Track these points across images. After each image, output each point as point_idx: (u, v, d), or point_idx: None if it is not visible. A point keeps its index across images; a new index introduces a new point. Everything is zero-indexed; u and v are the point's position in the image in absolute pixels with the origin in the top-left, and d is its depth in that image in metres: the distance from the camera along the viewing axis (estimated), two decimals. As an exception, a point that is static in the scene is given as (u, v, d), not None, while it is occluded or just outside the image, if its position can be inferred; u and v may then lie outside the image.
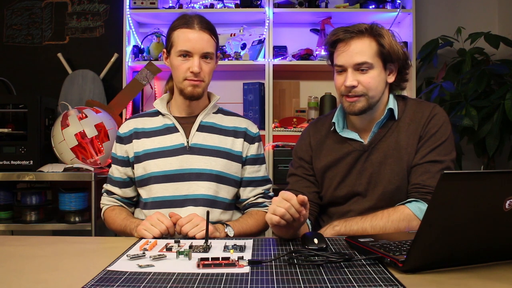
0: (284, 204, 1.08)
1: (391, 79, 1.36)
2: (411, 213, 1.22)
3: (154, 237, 1.19)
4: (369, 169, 1.35)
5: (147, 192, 1.43)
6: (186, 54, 1.38)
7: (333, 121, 1.42)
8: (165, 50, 1.46)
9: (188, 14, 1.42)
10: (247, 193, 1.49)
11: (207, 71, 1.41)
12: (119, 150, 1.48)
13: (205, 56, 1.39)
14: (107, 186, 1.52)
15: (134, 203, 1.52)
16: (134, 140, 1.46)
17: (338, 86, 1.35)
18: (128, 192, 1.49)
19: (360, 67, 1.30)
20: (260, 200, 1.50)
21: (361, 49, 1.30)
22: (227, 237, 1.30)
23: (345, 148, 1.39)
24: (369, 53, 1.29)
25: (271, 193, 1.53)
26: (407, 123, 1.35)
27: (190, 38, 1.37)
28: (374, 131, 1.36)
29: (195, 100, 1.44)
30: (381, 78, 1.33)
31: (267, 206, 1.49)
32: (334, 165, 1.39)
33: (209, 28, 1.40)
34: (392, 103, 1.36)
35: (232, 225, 1.34)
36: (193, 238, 1.19)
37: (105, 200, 1.51)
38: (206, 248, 1.06)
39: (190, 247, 1.06)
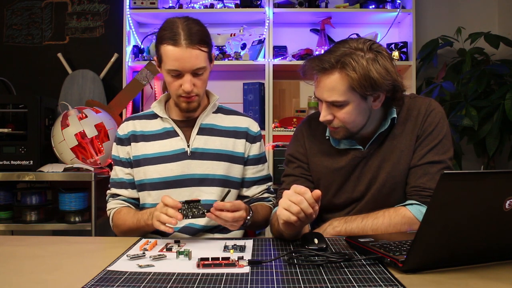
0: (297, 198, 1.02)
1: (377, 105, 1.25)
2: (413, 217, 1.21)
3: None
4: (368, 175, 1.31)
5: (148, 198, 1.41)
6: (176, 73, 1.32)
7: (326, 135, 1.37)
8: (156, 58, 1.39)
9: (176, 24, 1.31)
10: (252, 190, 1.49)
11: (201, 85, 1.36)
12: (121, 152, 1.45)
13: (196, 72, 1.33)
14: (111, 190, 1.47)
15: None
16: (132, 143, 1.44)
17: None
18: (135, 193, 1.45)
19: (333, 104, 1.22)
20: (266, 195, 1.51)
21: (330, 87, 1.19)
22: (244, 222, 1.25)
23: (343, 156, 1.34)
24: (340, 90, 1.19)
25: (272, 189, 1.55)
26: (402, 122, 1.31)
27: (178, 57, 1.29)
28: (373, 139, 1.31)
29: (192, 112, 1.42)
30: (361, 109, 1.23)
31: (271, 200, 1.50)
32: (331, 172, 1.35)
33: (198, 39, 1.30)
34: (394, 112, 1.29)
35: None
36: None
37: (112, 204, 1.45)
38: (200, 211, 1.15)
39: (187, 202, 1.15)
